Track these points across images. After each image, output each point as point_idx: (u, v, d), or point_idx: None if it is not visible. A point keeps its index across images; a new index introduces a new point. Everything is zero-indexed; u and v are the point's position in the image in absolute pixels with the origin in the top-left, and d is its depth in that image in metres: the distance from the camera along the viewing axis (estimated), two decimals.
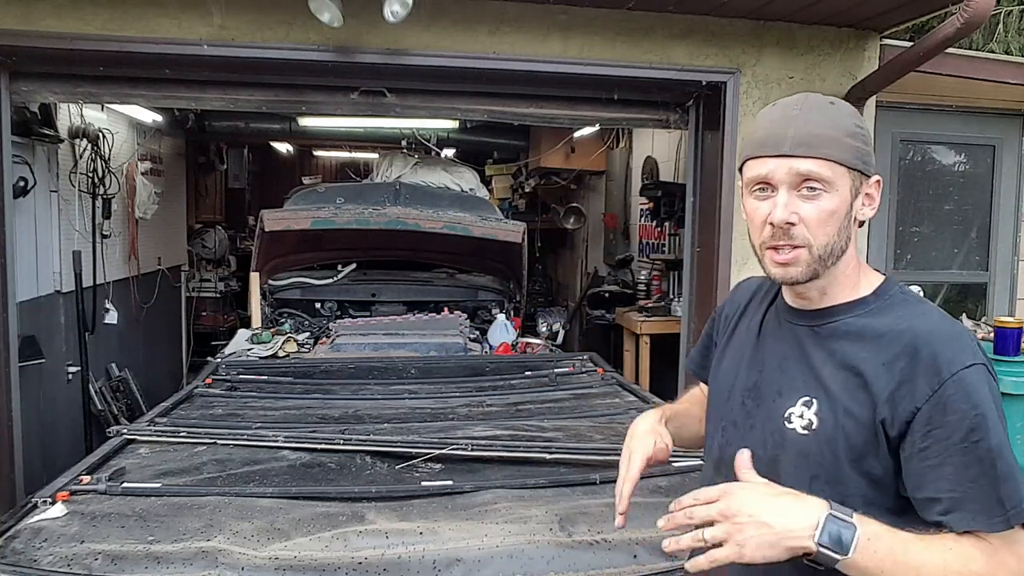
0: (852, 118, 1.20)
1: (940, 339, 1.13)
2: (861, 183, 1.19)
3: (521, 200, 8.37)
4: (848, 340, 1.19)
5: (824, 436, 1.17)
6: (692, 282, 3.91)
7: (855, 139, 1.17)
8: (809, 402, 1.19)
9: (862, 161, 1.18)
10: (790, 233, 1.17)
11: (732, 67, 3.60)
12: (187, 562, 1.72)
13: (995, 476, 1.06)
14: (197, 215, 8.00)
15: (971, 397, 1.08)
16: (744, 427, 1.28)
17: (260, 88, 3.52)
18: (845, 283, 1.23)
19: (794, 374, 1.23)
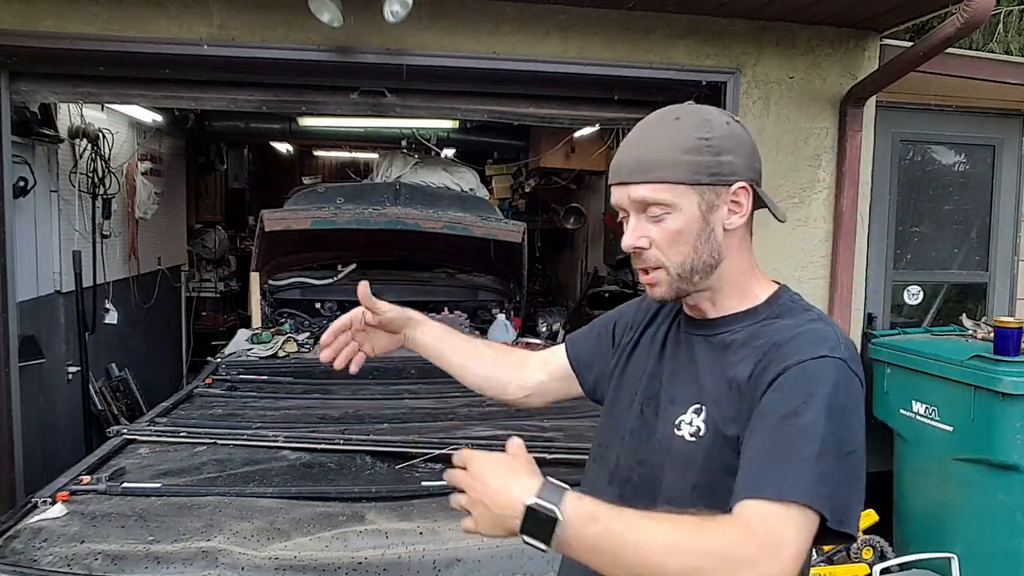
0: (695, 131, 1.16)
1: (803, 339, 1.11)
2: (717, 195, 1.17)
3: (521, 200, 8.36)
4: (734, 349, 1.18)
5: (706, 444, 1.15)
6: None
7: (696, 154, 1.15)
8: (699, 409, 1.17)
9: (708, 174, 1.15)
10: (643, 257, 1.19)
11: (732, 67, 3.60)
12: (187, 562, 1.72)
13: (794, 454, 1.01)
14: (197, 215, 8.00)
15: (808, 383, 1.05)
16: (642, 435, 1.25)
17: (260, 88, 3.52)
18: (733, 293, 1.22)
19: (688, 382, 1.22)
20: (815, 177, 3.78)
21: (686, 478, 1.16)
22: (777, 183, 3.74)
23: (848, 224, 3.75)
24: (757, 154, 1.22)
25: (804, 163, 3.77)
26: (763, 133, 3.71)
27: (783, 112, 3.72)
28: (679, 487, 1.16)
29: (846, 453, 1.03)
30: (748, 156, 1.19)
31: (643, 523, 0.98)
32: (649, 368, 1.29)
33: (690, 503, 1.11)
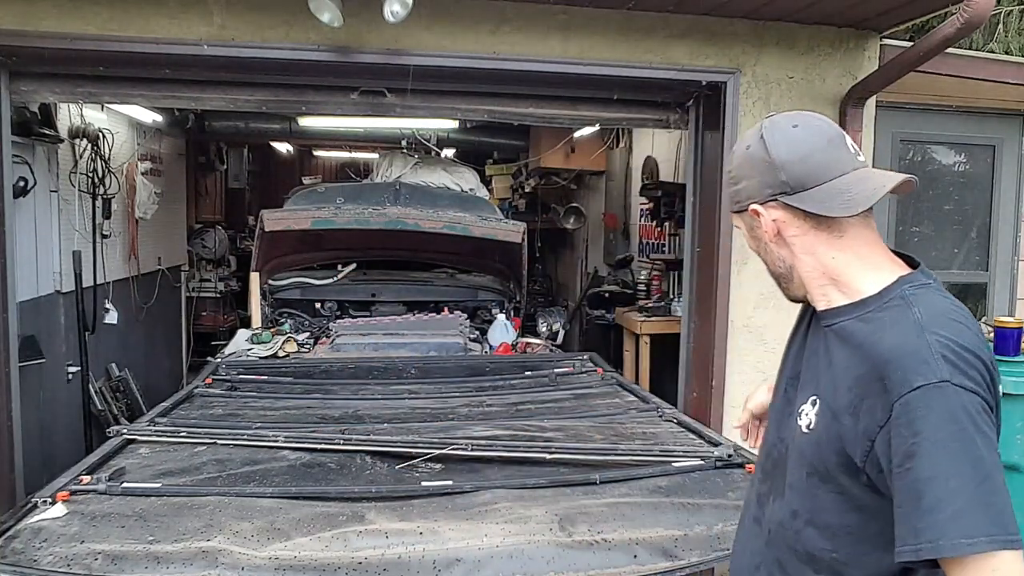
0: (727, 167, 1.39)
1: (897, 358, 1.11)
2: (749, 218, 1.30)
3: (521, 200, 8.36)
4: (841, 343, 1.22)
5: (815, 438, 1.22)
6: (692, 282, 3.91)
7: (728, 186, 1.34)
8: (815, 401, 1.24)
9: (734, 203, 1.32)
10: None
11: (732, 67, 3.60)
12: (187, 562, 1.72)
13: (917, 506, 1.04)
14: (197, 215, 8.00)
15: (912, 424, 1.06)
16: (784, 414, 1.35)
17: (260, 88, 3.52)
18: (831, 289, 1.26)
19: (814, 370, 1.28)
20: None
21: (801, 467, 1.25)
22: None
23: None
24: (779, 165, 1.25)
25: None
26: None
27: (783, 112, 3.71)
28: (797, 473, 1.26)
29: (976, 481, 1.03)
30: (762, 174, 1.26)
31: None
32: (794, 350, 1.39)
33: (806, 488, 1.23)
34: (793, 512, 1.26)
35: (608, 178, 7.52)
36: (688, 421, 2.92)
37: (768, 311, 3.80)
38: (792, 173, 1.23)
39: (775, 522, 1.30)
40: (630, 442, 2.61)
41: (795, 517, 1.26)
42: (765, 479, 1.38)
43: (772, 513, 1.32)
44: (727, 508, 2.05)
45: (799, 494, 1.24)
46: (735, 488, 2.19)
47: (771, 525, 1.32)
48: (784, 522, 1.28)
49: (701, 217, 3.81)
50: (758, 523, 1.37)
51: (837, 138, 1.28)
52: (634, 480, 2.23)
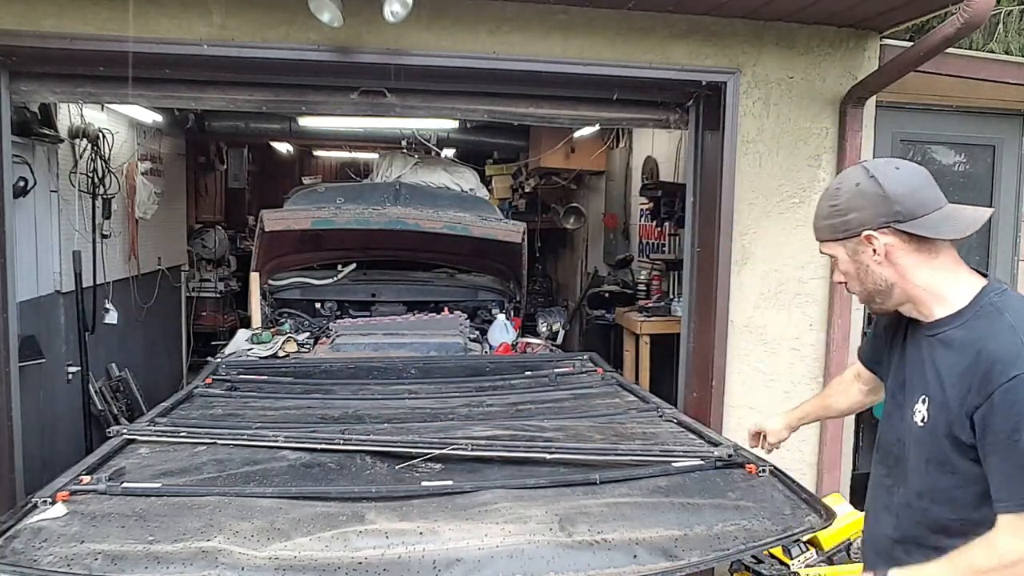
0: (828, 201, 1.60)
1: (997, 356, 1.42)
2: (855, 243, 1.57)
3: (521, 200, 8.36)
4: (944, 348, 1.53)
5: (930, 428, 1.54)
6: (692, 282, 3.91)
7: (830, 218, 1.59)
8: (924, 400, 1.56)
9: (840, 232, 1.58)
10: (849, 290, 1.65)
11: (732, 67, 3.60)
12: (187, 562, 1.72)
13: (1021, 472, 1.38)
14: (197, 215, 8.00)
15: (1014, 404, 1.38)
16: (896, 417, 1.66)
17: (260, 88, 3.52)
18: (931, 302, 1.56)
19: (919, 375, 1.59)
20: (815, 177, 3.78)
21: (920, 455, 1.57)
22: (777, 183, 3.74)
23: None
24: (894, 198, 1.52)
25: (804, 163, 3.76)
26: (763, 133, 3.71)
27: (783, 112, 3.72)
28: (917, 462, 1.58)
29: None
30: (876, 206, 1.53)
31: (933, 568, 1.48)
32: (896, 360, 1.70)
33: (926, 473, 1.55)
34: (918, 494, 1.58)
35: (608, 178, 7.52)
36: (688, 421, 2.92)
37: (768, 311, 3.80)
38: (905, 204, 1.51)
39: (902, 505, 1.63)
40: (630, 442, 2.61)
41: (920, 498, 1.58)
42: (889, 474, 1.70)
43: (898, 499, 1.64)
44: (727, 508, 2.05)
45: (921, 478, 1.57)
46: (735, 488, 2.19)
47: (898, 509, 1.64)
48: (911, 503, 1.60)
49: (701, 217, 3.81)
50: (888, 510, 1.68)
51: (930, 178, 1.57)
52: (634, 480, 2.23)
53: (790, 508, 2.06)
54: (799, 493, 2.13)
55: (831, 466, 3.88)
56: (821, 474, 3.88)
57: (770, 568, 3.16)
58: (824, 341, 3.84)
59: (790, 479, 2.23)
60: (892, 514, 1.66)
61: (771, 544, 2.00)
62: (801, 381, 3.85)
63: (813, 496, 2.10)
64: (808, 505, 2.07)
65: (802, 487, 2.16)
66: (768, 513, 2.03)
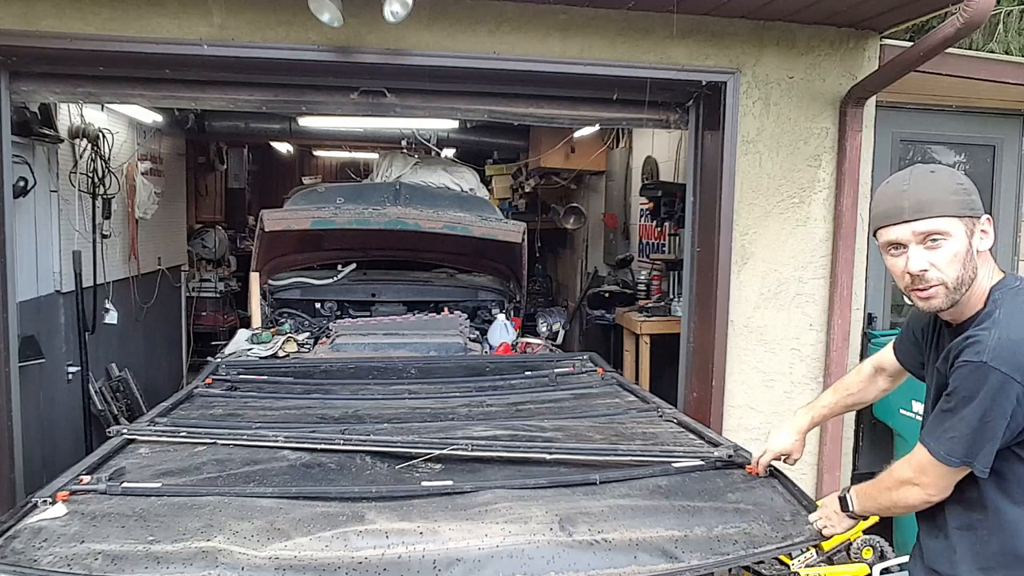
0: (952, 179, 1.60)
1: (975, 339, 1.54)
2: (973, 224, 1.59)
3: (521, 200, 8.37)
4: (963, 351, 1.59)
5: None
6: (692, 282, 3.91)
7: (958, 194, 1.58)
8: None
9: (968, 208, 1.58)
10: (925, 278, 1.59)
11: (732, 67, 3.60)
12: (187, 562, 1.72)
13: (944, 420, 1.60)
14: (197, 215, 8.01)
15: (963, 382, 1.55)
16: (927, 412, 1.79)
17: (260, 88, 3.52)
18: (973, 303, 1.63)
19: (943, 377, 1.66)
20: (815, 177, 3.78)
21: None
22: (777, 183, 3.74)
23: (848, 224, 3.75)
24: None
25: (804, 163, 3.77)
26: (763, 133, 3.71)
27: (783, 112, 3.72)
28: None
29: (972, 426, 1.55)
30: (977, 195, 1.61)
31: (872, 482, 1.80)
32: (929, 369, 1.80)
33: None
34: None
35: (608, 178, 7.52)
36: (688, 421, 2.92)
37: (768, 311, 3.80)
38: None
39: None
40: (630, 442, 2.61)
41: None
42: None
43: None
44: (727, 510, 2.05)
45: None
46: (735, 489, 2.19)
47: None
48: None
49: (701, 217, 3.81)
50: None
51: None
52: (634, 480, 2.23)
53: (790, 514, 2.06)
54: (800, 499, 2.13)
55: (831, 466, 3.88)
56: (821, 474, 3.88)
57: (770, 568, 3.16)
58: (824, 341, 3.84)
59: (790, 481, 2.23)
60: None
61: (771, 552, 1.99)
62: (801, 381, 3.86)
63: (812, 503, 2.10)
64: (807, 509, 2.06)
65: (803, 492, 2.16)
66: (768, 518, 2.03)
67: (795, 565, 3.22)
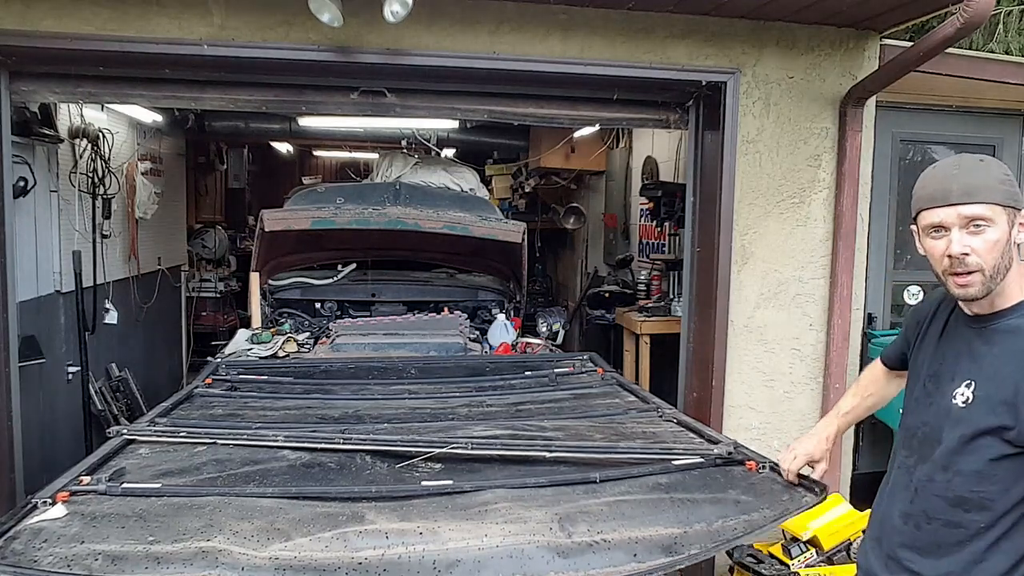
0: (1000, 169, 1.60)
1: None
2: (1015, 216, 1.59)
3: (521, 200, 8.37)
4: (1004, 335, 1.61)
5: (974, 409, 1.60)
6: (692, 282, 3.91)
7: (1005, 184, 1.59)
8: (969, 384, 1.63)
9: (1013, 199, 1.59)
10: (965, 262, 1.58)
11: (732, 67, 3.60)
12: (187, 562, 1.72)
13: None
14: (197, 215, 8.01)
15: None
16: (924, 403, 1.75)
17: (260, 88, 3.52)
18: (1008, 293, 1.62)
19: (963, 365, 1.66)
20: (815, 177, 3.78)
21: (956, 432, 1.63)
22: (777, 183, 3.74)
23: (848, 224, 3.75)
24: None
25: (804, 163, 3.77)
26: (763, 133, 3.71)
27: (783, 112, 3.72)
28: (951, 438, 1.63)
29: None
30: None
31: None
32: (930, 353, 1.78)
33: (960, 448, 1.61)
34: (944, 467, 1.64)
35: (608, 178, 7.52)
36: (688, 421, 2.92)
37: (768, 311, 3.80)
38: None
39: (923, 480, 1.69)
40: (630, 441, 2.61)
41: (945, 471, 1.64)
42: (911, 454, 1.76)
43: (919, 475, 1.70)
44: (727, 504, 2.06)
45: (952, 454, 1.63)
46: (735, 485, 2.19)
47: (918, 484, 1.70)
48: (933, 478, 1.66)
49: (701, 217, 3.81)
50: (905, 488, 1.75)
51: None
52: (634, 479, 2.23)
53: (788, 495, 2.09)
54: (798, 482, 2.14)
55: (831, 466, 3.85)
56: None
57: (770, 568, 3.16)
58: (824, 341, 3.84)
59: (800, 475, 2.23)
60: (910, 490, 1.73)
61: (771, 526, 2.00)
62: (801, 381, 3.86)
63: (806, 478, 2.12)
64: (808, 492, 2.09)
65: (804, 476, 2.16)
66: (768, 504, 2.05)
67: (795, 565, 3.22)
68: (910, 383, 1.85)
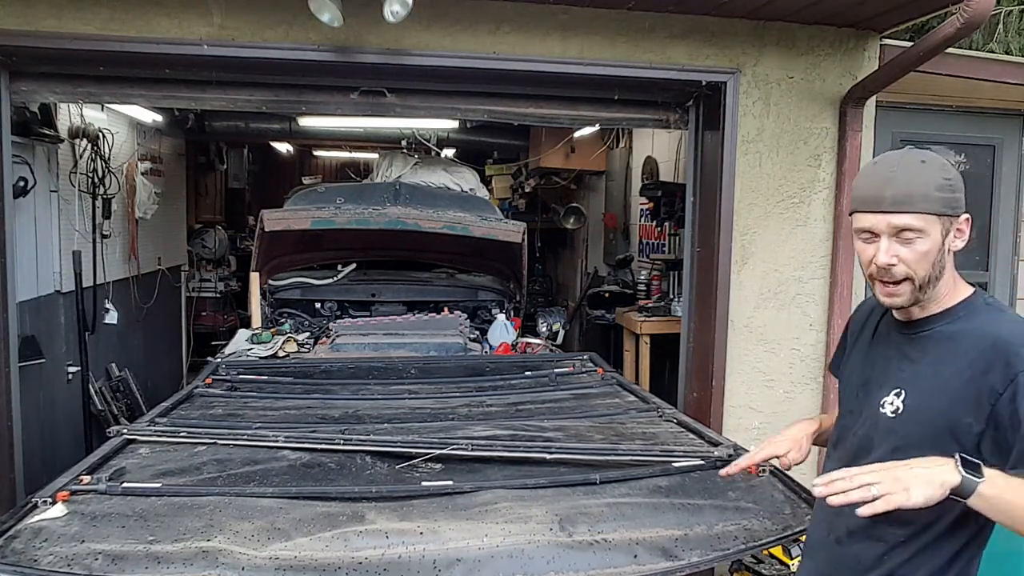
0: (941, 172, 1.50)
1: (1013, 341, 1.43)
2: (951, 223, 1.50)
3: (521, 200, 8.36)
4: (936, 343, 1.53)
5: (903, 420, 1.52)
6: (692, 282, 3.91)
7: (943, 191, 1.48)
8: (898, 393, 1.54)
9: (950, 208, 1.49)
10: (891, 272, 1.51)
11: (732, 67, 3.60)
12: (187, 562, 1.72)
13: None
14: (197, 215, 8.00)
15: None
16: (856, 413, 1.65)
17: (260, 88, 3.52)
18: (940, 298, 1.55)
19: (892, 372, 1.59)
20: (815, 177, 3.78)
21: (887, 443, 1.54)
22: (777, 183, 3.74)
23: (848, 224, 3.74)
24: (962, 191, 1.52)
25: (804, 163, 3.77)
26: (763, 133, 3.71)
27: (783, 112, 3.72)
28: (882, 449, 1.55)
29: None
30: (962, 193, 1.52)
31: (1011, 486, 1.34)
32: (861, 360, 1.70)
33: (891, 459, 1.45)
34: None
35: (608, 178, 7.52)
36: (688, 421, 2.92)
37: (768, 311, 3.80)
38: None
39: None
40: (630, 442, 2.61)
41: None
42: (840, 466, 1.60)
43: None
44: (727, 508, 2.05)
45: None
46: (735, 488, 2.19)
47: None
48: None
49: (701, 217, 3.81)
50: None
51: None
52: (634, 480, 2.23)
53: (790, 508, 2.07)
54: (799, 492, 2.13)
55: None
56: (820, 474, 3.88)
57: (770, 568, 3.16)
58: (824, 341, 3.84)
59: (790, 479, 2.23)
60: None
61: (771, 544, 1.99)
62: (801, 381, 3.86)
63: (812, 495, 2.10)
64: (808, 504, 2.07)
65: (802, 487, 2.16)
66: (768, 513, 2.03)
67: (795, 565, 3.22)
68: (843, 390, 1.76)
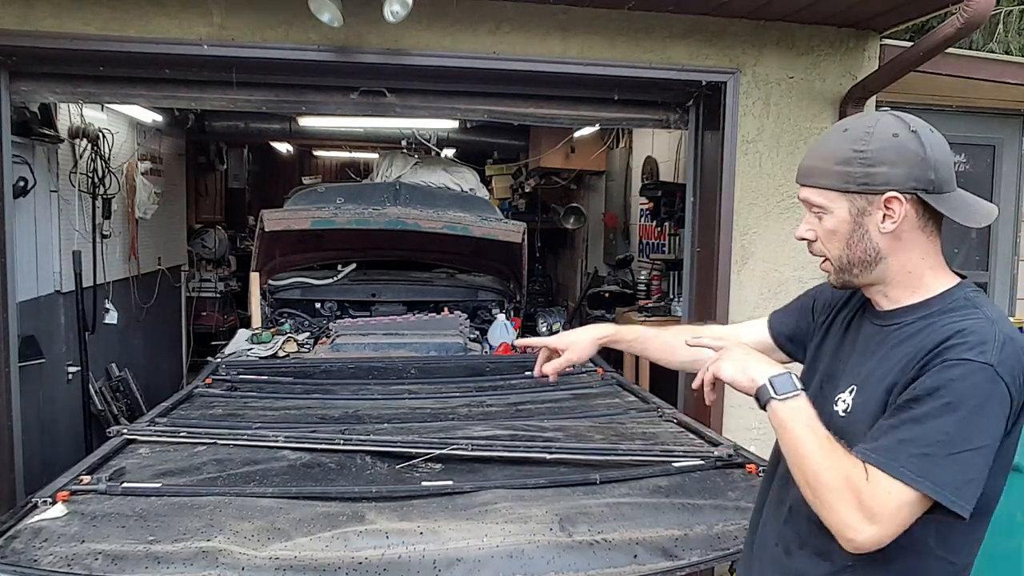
0: (853, 144, 1.30)
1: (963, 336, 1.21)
2: (868, 202, 1.30)
3: (521, 200, 8.37)
4: (903, 337, 1.31)
5: (853, 419, 1.34)
6: (692, 282, 3.91)
7: (848, 164, 1.30)
8: (852, 390, 1.36)
9: (855, 183, 1.30)
10: (812, 247, 1.42)
11: (732, 67, 3.60)
12: (187, 562, 1.72)
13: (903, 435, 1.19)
14: (197, 215, 8.00)
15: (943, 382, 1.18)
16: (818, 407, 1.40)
17: (260, 88, 3.52)
18: (904, 288, 1.36)
19: (852, 366, 1.40)
20: None
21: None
22: (777, 183, 3.74)
23: None
24: (932, 163, 1.29)
25: None
26: (763, 133, 3.71)
27: (783, 112, 3.72)
28: None
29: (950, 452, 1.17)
30: (911, 167, 1.28)
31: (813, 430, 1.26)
32: (832, 349, 1.49)
33: None
34: None
35: (608, 178, 7.52)
36: (688, 421, 2.92)
37: (768, 311, 3.79)
38: (940, 175, 1.29)
39: (797, 499, 1.36)
40: (630, 442, 2.61)
41: None
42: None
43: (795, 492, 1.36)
44: (727, 508, 2.05)
45: None
46: (735, 488, 2.19)
47: (792, 502, 1.42)
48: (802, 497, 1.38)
49: (701, 217, 3.81)
50: (780, 504, 1.47)
51: None
52: (634, 480, 2.23)
53: None
54: None
55: None
56: None
57: None
58: None
59: None
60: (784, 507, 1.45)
61: None
62: None
63: None
64: None
65: None
66: None
67: None
68: (806, 378, 1.52)
